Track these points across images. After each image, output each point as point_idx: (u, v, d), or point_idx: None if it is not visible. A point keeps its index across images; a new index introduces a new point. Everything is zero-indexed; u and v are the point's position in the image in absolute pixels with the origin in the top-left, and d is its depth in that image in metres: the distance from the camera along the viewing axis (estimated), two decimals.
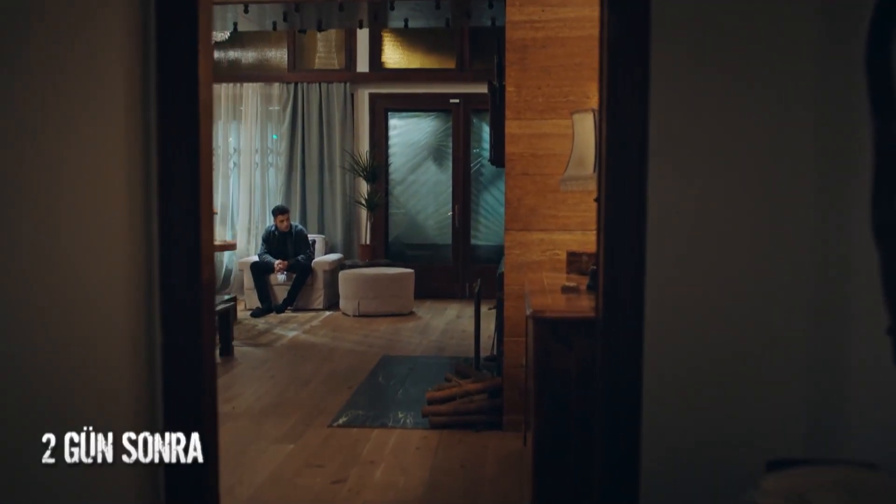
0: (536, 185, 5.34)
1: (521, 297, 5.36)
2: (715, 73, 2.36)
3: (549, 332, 3.51)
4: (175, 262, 2.35)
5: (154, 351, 2.44)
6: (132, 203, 2.30)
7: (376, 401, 6.20)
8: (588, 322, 3.52)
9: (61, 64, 2.04)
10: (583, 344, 3.50)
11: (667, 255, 2.41)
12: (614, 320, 2.57)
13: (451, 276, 11.55)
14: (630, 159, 2.30)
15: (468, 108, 11.42)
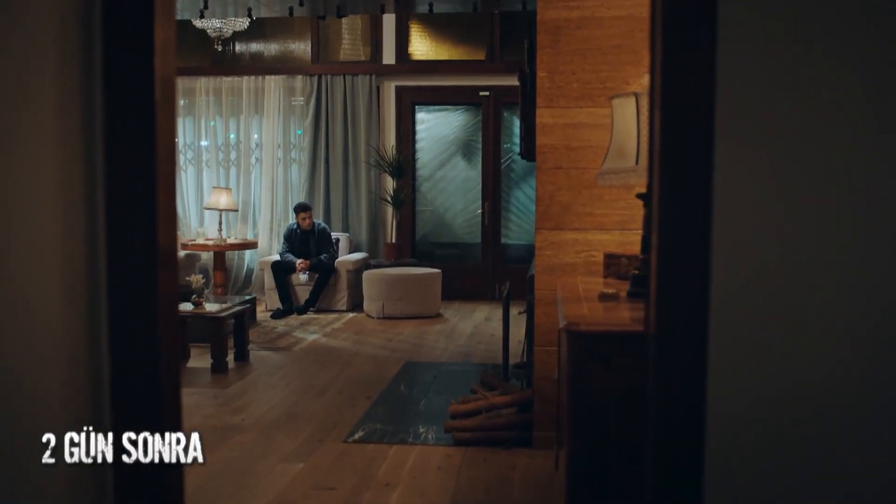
0: (570, 179, 4.87)
1: (553, 303, 4.89)
2: (803, 37, 1.88)
3: (585, 348, 3.05)
4: (125, 268, 1.91)
5: (100, 377, 2.01)
6: (68, 201, 1.87)
7: (396, 413, 5.75)
8: (631, 337, 3.05)
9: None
10: (624, 363, 3.03)
11: (738, 258, 1.92)
12: (670, 337, 2.09)
13: (480, 276, 11.09)
14: (692, 143, 1.82)
15: (499, 101, 10.95)
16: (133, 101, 1.88)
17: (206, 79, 11.14)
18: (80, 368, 2.01)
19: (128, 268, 1.91)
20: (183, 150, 11.34)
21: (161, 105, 1.91)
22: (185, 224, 11.36)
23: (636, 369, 3.04)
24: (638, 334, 3.08)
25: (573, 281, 4.32)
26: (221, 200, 10.42)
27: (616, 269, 4.35)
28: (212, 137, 11.29)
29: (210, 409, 5.85)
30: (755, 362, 1.99)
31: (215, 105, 11.24)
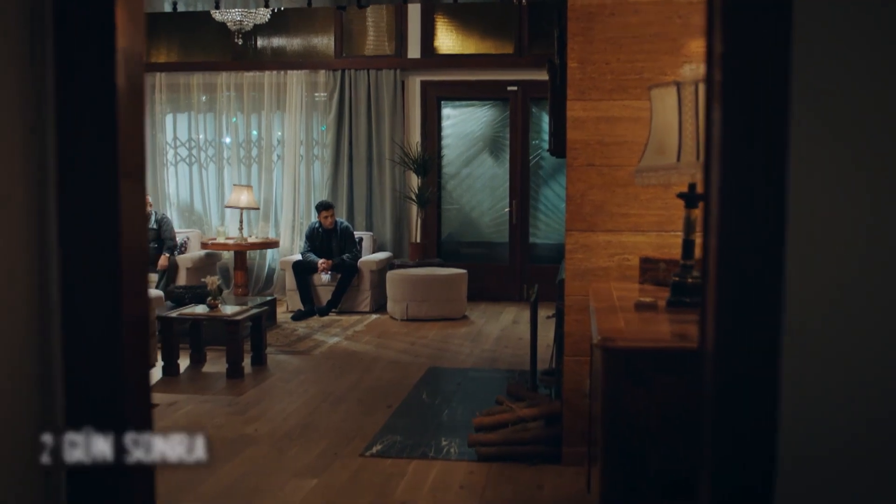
0: (603, 177, 4.53)
1: (584, 310, 4.56)
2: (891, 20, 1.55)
3: (622, 366, 2.72)
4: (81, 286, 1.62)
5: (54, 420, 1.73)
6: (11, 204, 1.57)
7: (417, 424, 5.44)
8: (675, 354, 2.73)
9: None
10: (666, 384, 2.70)
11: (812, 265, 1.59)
12: (734, 354, 1.75)
13: (508, 276, 10.76)
14: (762, 134, 1.49)
15: (527, 96, 10.61)
16: (90, 90, 1.57)
17: (228, 74, 10.89)
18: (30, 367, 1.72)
19: (85, 288, 1.61)
20: (204, 146, 11.09)
21: (126, 91, 1.61)
22: (206, 222, 11.12)
23: (680, 390, 2.72)
24: (682, 351, 2.75)
25: (606, 287, 3.99)
26: (242, 198, 10.16)
27: (653, 275, 4.02)
28: (233, 134, 11.04)
29: (222, 418, 5.57)
30: (832, 381, 1.66)
31: (236, 101, 10.99)
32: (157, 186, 11.10)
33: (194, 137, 11.11)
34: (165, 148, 11.14)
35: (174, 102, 11.14)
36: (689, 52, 4.51)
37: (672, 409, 2.67)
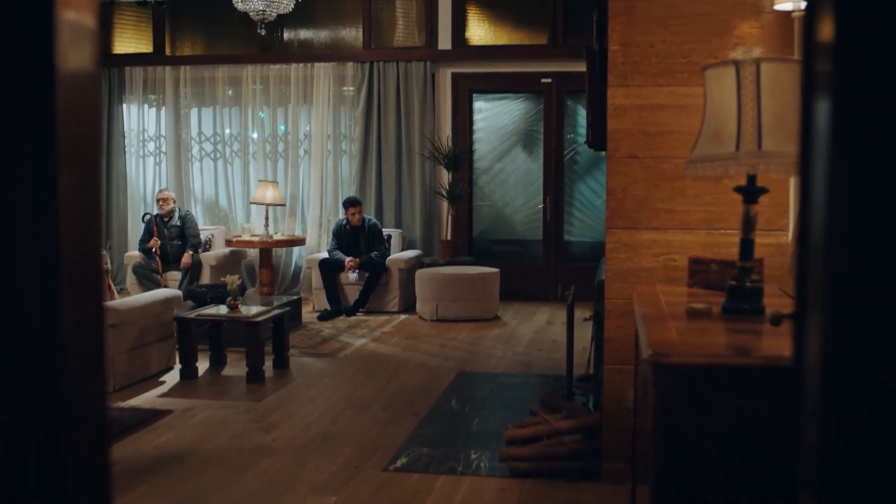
0: (647, 170, 4.17)
1: (626, 315, 4.20)
2: None
3: (678, 384, 2.37)
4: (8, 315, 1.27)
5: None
6: None
7: (446, 435, 5.10)
8: (738, 372, 2.36)
9: None
10: (728, 406, 2.34)
11: None
12: (847, 375, 1.38)
13: (542, 275, 10.38)
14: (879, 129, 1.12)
15: (562, 88, 10.23)
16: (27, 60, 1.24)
17: (253, 67, 10.60)
18: None
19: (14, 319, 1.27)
20: (229, 141, 10.82)
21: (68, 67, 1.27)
22: (231, 219, 10.85)
23: (745, 413, 2.36)
24: (747, 368, 2.39)
25: (652, 291, 3.63)
26: (268, 194, 9.87)
27: (703, 278, 3.65)
28: (259, 128, 10.75)
29: (239, 426, 5.26)
30: None
31: (262, 94, 10.71)
32: (182, 182, 10.85)
33: (219, 132, 10.84)
34: (190, 143, 10.88)
35: (199, 97, 10.88)
36: (741, 34, 4.13)
37: (734, 435, 2.31)
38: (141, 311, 6.27)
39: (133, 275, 9.60)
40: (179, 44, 10.98)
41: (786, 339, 2.56)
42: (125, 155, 10.98)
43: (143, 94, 10.90)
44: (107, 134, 10.88)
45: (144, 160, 10.98)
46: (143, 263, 9.57)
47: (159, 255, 9.53)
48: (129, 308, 6.14)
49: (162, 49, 10.93)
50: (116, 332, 6.03)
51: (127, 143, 10.98)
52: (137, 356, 6.29)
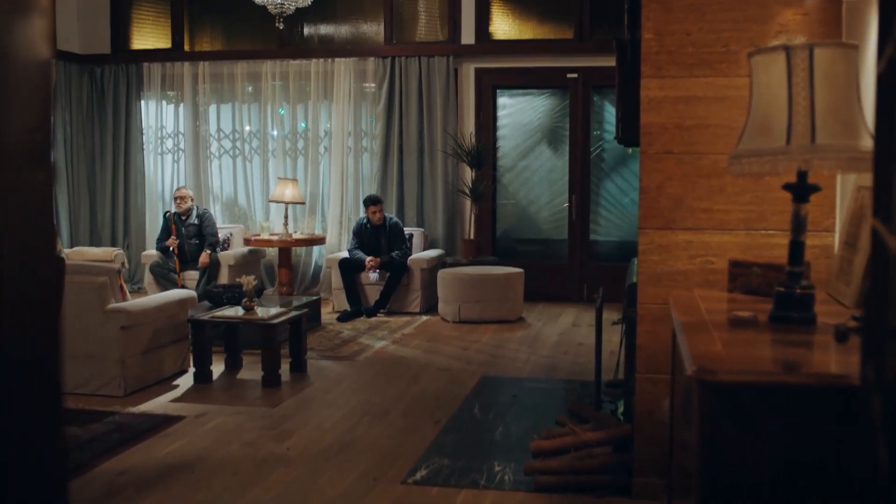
0: (683, 167, 3.92)
1: (659, 321, 3.95)
2: None
3: (724, 405, 2.12)
4: None
5: None
6: None
7: (468, 444, 4.86)
8: (792, 391, 2.11)
9: None
10: (781, 428, 2.09)
11: None
12: None
13: (567, 276, 10.12)
14: None
15: (588, 83, 9.96)
16: None
17: (273, 62, 10.40)
18: None
19: None
20: (248, 138, 10.63)
21: None
22: (250, 218, 10.66)
23: (800, 434, 2.11)
24: (802, 387, 2.14)
25: (690, 296, 3.38)
26: (287, 192, 9.66)
27: (745, 282, 3.40)
28: (278, 125, 10.55)
29: (252, 434, 5.05)
30: None
31: (282, 90, 10.51)
32: (200, 180, 10.67)
33: (238, 129, 10.65)
34: (209, 140, 10.70)
35: (217, 93, 10.69)
36: (784, 21, 3.87)
37: (786, 458, 2.07)
38: (154, 313, 6.08)
39: (150, 274, 9.43)
40: (198, 39, 10.81)
41: (842, 354, 2.32)
42: (143, 152, 10.81)
43: (162, 90, 10.73)
44: (125, 130, 10.72)
45: (162, 157, 10.81)
46: (161, 262, 9.40)
47: (177, 253, 9.35)
48: (141, 309, 5.94)
49: (180, 44, 10.75)
50: (128, 335, 5.84)
51: (145, 140, 10.81)
52: (150, 359, 6.10)
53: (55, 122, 10.28)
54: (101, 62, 10.76)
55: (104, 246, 10.49)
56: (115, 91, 10.73)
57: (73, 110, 10.54)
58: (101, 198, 10.82)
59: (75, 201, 10.62)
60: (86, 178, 10.73)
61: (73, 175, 10.55)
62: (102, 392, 5.84)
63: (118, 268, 6.10)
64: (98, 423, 5.23)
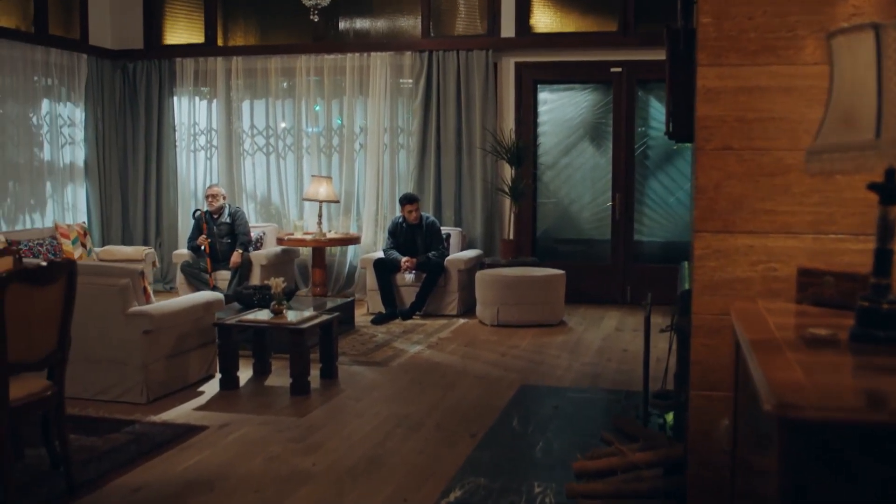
0: (744, 164, 3.56)
1: (717, 333, 3.59)
2: None
3: (811, 445, 1.78)
4: None
5: None
6: None
7: (506, 461, 4.54)
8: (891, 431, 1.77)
9: None
10: (878, 472, 1.75)
11: None
12: None
13: (610, 277, 9.76)
14: None
15: (632, 78, 9.58)
16: None
17: (307, 57, 10.14)
18: None
19: None
20: (282, 135, 10.37)
21: None
22: (284, 216, 10.41)
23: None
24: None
25: (755, 308, 3.03)
26: (321, 191, 9.39)
27: (816, 293, 3.04)
28: (312, 121, 10.28)
29: (277, 447, 4.76)
30: None
31: (316, 86, 10.24)
32: (233, 178, 10.44)
33: (272, 125, 10.39)
34: (242, 137, 10.46)
35: (251, 88, 10.45)
36: (858, 2, 3.49)
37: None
38: (178, 316, 5.82)
39: (181, 274, 9.22)
40: (231, 34, 10.58)
41: None
42: (175, 149, 10.60)
43: (195, 86, 10.51)
44: (157, 127, 10.52)
45: (195, 154, 10.59)
46: (192, 262, 9.18)
47: (208, 253, 9.13)
48: (165, 313, 5.68)
49: (214, 39, 10.52)
50: (151, 339, 5.59)
51: (177, 137, 10.60)
52: (175, 364, 5.85)
53: (87, 118, 10.10)
54: (133, 57, 10.56)
55: (136, 245, 10.30)
56: (148, 87, 10.52)
57: (105, 106, 10.34)
58: (132, 196, 10.62)
59: (107, 199, 10.42)
60: (118, 176, 10.54)
61: (104, 172, 10.36)
62: (124, 399, 5.60)
63: (141, 269, 5.85)
64: (117, 432, 4.98)
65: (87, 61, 10.08)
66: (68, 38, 9.91)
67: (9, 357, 3.71)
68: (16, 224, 9.11)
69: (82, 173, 10.12)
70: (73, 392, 5.62)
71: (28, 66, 9.30)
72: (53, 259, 3.95)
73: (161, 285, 10.40)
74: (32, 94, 9.39)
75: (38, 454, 4.50)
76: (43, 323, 3.93)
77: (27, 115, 9.33)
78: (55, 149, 9.71)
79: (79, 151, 10.07)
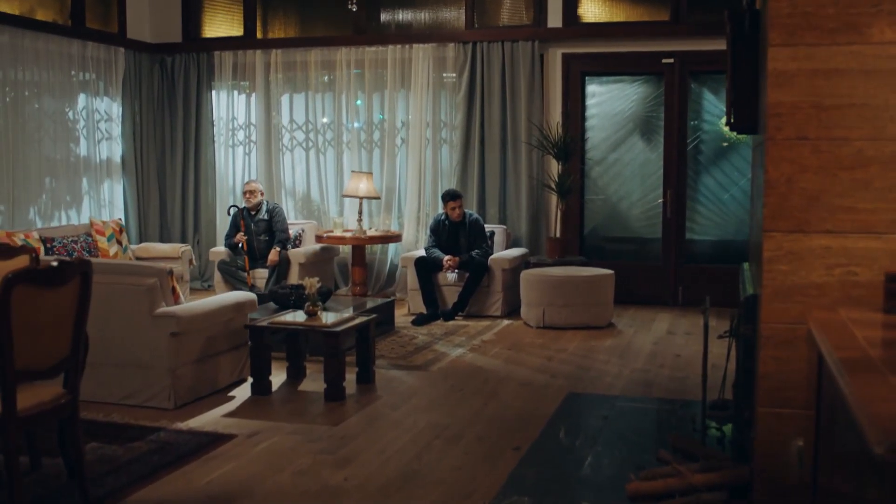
0: (821, 156, 3.18)
1: (789, 345, 3.23)
2: None
3: None
4: None
5: None
6: None
7: (552, 478, 4.20)
8: None
9: None
10: None
11: None
12: None
13: (660, 277, 9.35)
14: None
15: (685, 69, 9.17)
16: None
17: (347, 50, 9.85)
18: None
19: None
20: (321, 129, 10.10)
21: None
22: (324, 213, 10.14)
23: None
24: None
25: (837, 319, 2.66)
26: (361, 187, 9.11)
27: None
28: (353, 116, 10.00)
29: (307, 460, 4.47)
30: None
31: (357, 79, 9.94)
32: (272, 173, 10.19)
33: (311, 120, 10.12)
34: (281, 131, 10.21)
35: (290, 82, 10.19)
36: None
37: None
38: (207, 318, 5.55)
39: (218, 272, 9.00)
40: (271, 26, 10.33)
41: None
42: (214, 144, 10.38)
43: (233, 79, 10.28)
44: (195, 122, 10.31)
45: (234, 150, 10.36)
46: (229, 260, 8.95)
47: (246, 251, 8.89)
48: (194, 315, 5.42)
49: (253, 32, 10.28)
50: (179, 342, 5.33)
51: (216, 132, 10.37)
52: (204, 368, 5.59)
53: (124, 112, 9.92)
54: (171, 51, 10.35)
55: (174, 242, 10.10)
56: (186, 81, 10.31)
57: (143, 101, 10.15)
58: (170, 192, 10.42)
59: (144, 196, 10.23)
60: (155, 172, 10.34)
61: (142, 168, 10.17)
62: (150, 404, 5.35)
63: (170, 268, 5.59)
64: (140, 440, 4.72)
65: (125, 55, 9.88)
66: (106, 32, 9.72)
67: (16, 364, 3.45)
68: (51, 221, 8.94)
69: (119, 169, 9.93)
70: (99, 396, 5.41)
71: (64, 61, 9.12)
72: (65, 258, 3.67)
73: (199, 283, 10.19)
74: (69, 89, 9.21)
75: (57, 464, 4.25)
76: (54, 327, 3.66)
77: (63, 110, 9.15)
78: (92, 144, 9.53)
79: (116, 147, 9.89)
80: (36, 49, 8.72)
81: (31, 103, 8.75)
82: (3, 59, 8.37)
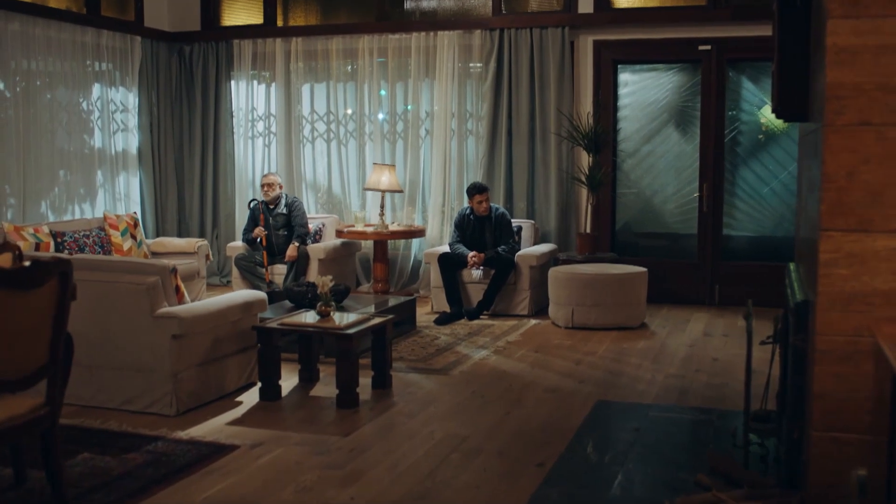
0: (887, 145, 2.79)
1: (850, 361, 2.84)
2: None
3: None
4: None
5: None
6: None
7: (578, 501, 3.81)
8: None
9: None
10: None
11: None
12: None
13: (696, 275, 8.92)
14: None
15: (722, 56, 8.72)
16: None
17: (370, 37, 9.49)
18: None
19: None
20: (343, 120, 9.75)
21: None
22: (345, 207, 9.80)
23: None
24: None
25: None
26: (383, 180, 8.76)
27: None
28: (376, 106, 9.64)
29: (312, 475, 4.12)
30: None
31: (379, 68, 9.58)
32: (292, 166, 9.86)
33: (333, 110, 9.78)
34: (302, 122, 9.88)
35: (312, 71, 9.85)
36: None
37: None
38: (212, 319, 5.22)
39: (235, 268, 8.69)
40: (292, 13, 9.99)
41: None
42: (233, 136, 10.07)
43: (253, 69, 9.96)
44: (214, 113, 10.00)
45: (253, 141, 10.04)
46: (247, 255, 8.64)
47: (264, 245, 8.57)
48: (197, 315, 5.09)
49: (273, 19, 9.95)
50: (181, 344, 5.01)
51: (235, 123, 10.06)
52: (209, 372, 5.26)
53: (140, 103, 9.63)
54: (189, 40, 10.05)
55: (191, 237, 9.82)
56: (205, 70, 10.01)
57: (160, 91, 9.86)
58: (188, 185, 10.13)
59: (162, 189, 9.95)
60: (173, 164, 10.05)
61: (159, 160, 9.88)
62: (151, 410, 5.04)
63: (173, 265, 5.26)
64: (136, 451, 4.41)
65: (142, 44, 9.59)
66: (122, 20, 9.43)
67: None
68: (64, 214, 8.67)
69: (136, 161, 9.65)
70: (98, 401, 5.13)
71: (79, 50, 8.84)
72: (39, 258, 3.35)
73: (217, 279, 9.90)
74: (83, 79, 8.93)
75: (44, 477, 3.93)
76: (30, 333, 3.34)
77: (77, 101, 8.88)
78: (107, 136, 9.25)
79: (132, 138, 9.60)
80: (48, 38, 8.44)
81: (43, 94, 8.48)
82: (15, 48, 8.10)
